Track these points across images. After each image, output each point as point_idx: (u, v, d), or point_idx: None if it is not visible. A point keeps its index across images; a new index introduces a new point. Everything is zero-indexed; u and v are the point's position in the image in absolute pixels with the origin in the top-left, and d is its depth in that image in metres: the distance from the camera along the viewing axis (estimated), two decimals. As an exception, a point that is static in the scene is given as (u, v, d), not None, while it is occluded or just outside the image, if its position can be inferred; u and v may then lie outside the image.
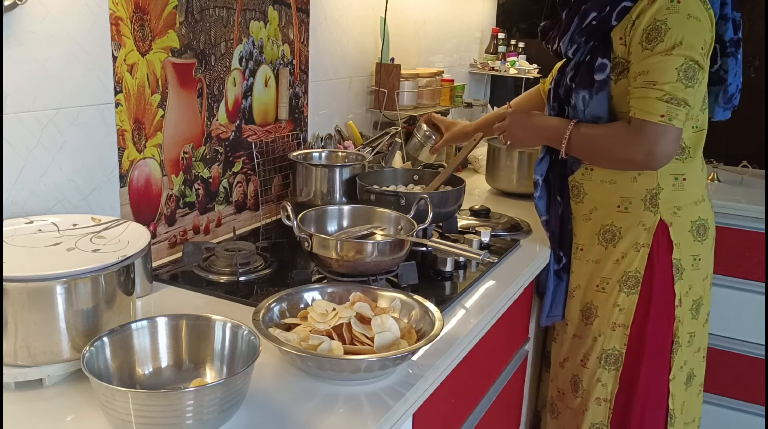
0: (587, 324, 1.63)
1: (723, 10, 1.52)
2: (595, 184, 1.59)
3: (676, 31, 1.37)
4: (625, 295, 1.57)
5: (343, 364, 0.99)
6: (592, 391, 1.63)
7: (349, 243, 1.31)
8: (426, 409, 1.11)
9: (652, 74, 1.39)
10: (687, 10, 1.38)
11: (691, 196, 1.56)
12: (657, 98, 1.38)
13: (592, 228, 1.62)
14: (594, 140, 1.50)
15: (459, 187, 1.69)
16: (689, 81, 1.38)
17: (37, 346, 0.94)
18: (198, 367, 1.00)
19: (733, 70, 1.57)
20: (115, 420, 0.85)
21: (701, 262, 1.60)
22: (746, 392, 2.41)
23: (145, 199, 1.43)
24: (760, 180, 2.58)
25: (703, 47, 1.40)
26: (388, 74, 2.17)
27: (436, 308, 1.13)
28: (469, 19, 2.96)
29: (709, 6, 1.43)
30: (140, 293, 1.26)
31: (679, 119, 1.38)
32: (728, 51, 1.55)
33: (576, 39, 1.53)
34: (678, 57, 1.37)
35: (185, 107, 1.49)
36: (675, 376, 1.60)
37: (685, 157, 1.53)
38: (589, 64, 1.50)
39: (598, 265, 1.61)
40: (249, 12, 1.63)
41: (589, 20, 1.49)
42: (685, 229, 1.56)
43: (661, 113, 1.38)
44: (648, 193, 1.54)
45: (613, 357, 1.59)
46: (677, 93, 1.37)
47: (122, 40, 1.31)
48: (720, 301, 2.39)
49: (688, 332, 1.60)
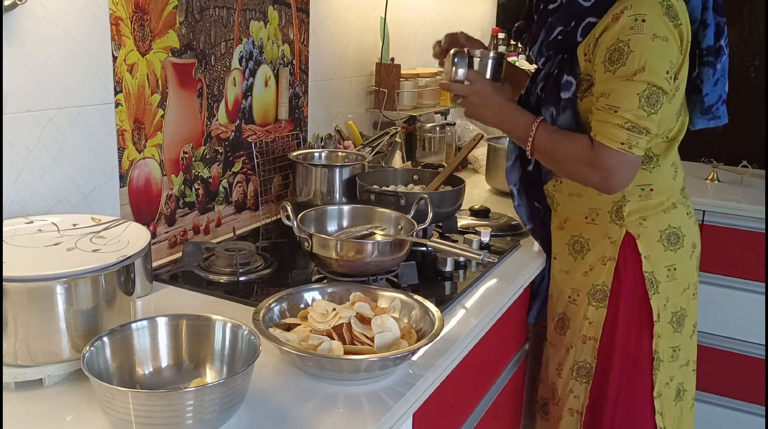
0: (560, 334, 1.61)
1: (704, 15, 1.44)
2: (564, 196, 1.57)
3: (638, 54, 1.30)
4: (594, 309, 1.53)
5: (343, 364, 0.99)
6: (566, 401, 1.60)
7: (349, 243, 1.31)
8: (426, 409, 1.11)
9: (614, 99, 1.33)
10: (652, 30, 1.30)
11: (659, 204, 1.50)
12: (618, 125, 1.32)
13: (563, 237, 1.59)
14: (554, 151, 1.44)
15: (459, 187, 1.69)
16: (651, 107, 1.32)
17: (37, 346, 0.94)
18: (198, 367, 1.00)
19: (710, 81, 1.47)
20: (115, 420, 0.85)
21: (678, 273, 1.53)
22: (746, 392, 2.41)
23: (145, 199, 1.43)
24: (760, 180, 2.58)
25: (669, 70, 1.33)
26: (388, 74, 2.17)
27: (436, 308, 1.13)
28: (469, 19, 2.96)
29: (679, 21, 1.33)
30: (140, 293, 1.26)
31: (639, 147, 1.33)
32: (705, 60, 1.46)
33: (544, 51, 1.49)
34: (640, 83, 1.30)
35: (185, 107, 1.49)
36: (661, 393, 1.55)
37: (652, 166, 1.48)
38: (556, 80, 1.46)
39: (569, 275, 1.58)
40: (249, 12, 1.63)
41: (555, 34, 1.45)
42: (653, 240, 1.50)
43: (621, 141, 1.32)
44: (614, 205, 1.50)
45: (584, 369, 1.57)
46: (639, 121, 1.32)
47: (122, 40, 1.31)
48: (720, 301, 2.40)
49: (671, 346, 1.55)
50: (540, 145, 1.44)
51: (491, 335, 1.37)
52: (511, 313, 1.50)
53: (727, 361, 2.42)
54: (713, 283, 2.38)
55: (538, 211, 1.64)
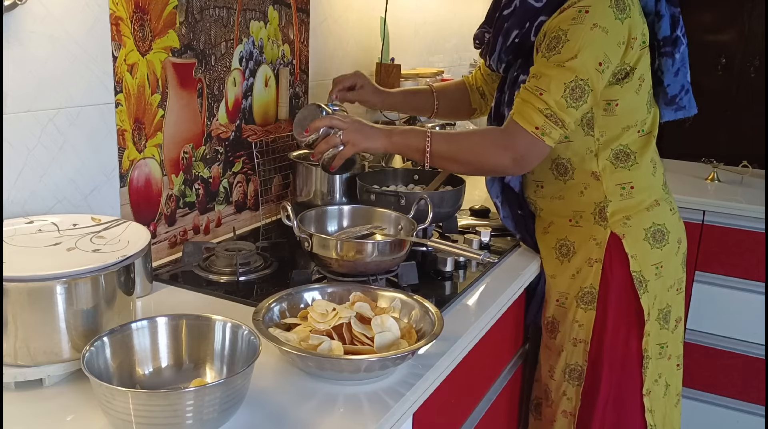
0: (551, 337, 1.61)
1: (657, 7, 1.44)
2: (547, 201, 1.57)
3: (573, 43, 1.31)
4: (583, 311, 1.53)
5: (343, 364, 0.99)
6: (559, 403, 1.61)
7: (349, 243, 1.31)
8: (426, 409, 1.11)
9: (541, 81, 1.33)
10: (593, 19, 1.31)
11: (641, 202, 1.51)
12: (538, 109, 1.33)
13: (549, 241, 1.59)
14: (461, 147, 1.41)
15: (459, 187, 1.69)
16: (574, 101, 1.32)
17: (37, 346, 0.94)
18: (198, 367, 1.00)
19: (670, 71, 1.48)
20: (115, 420, 0.85)
21: (664, 270, 1.53)
22: (746, 392, 2.41)
23: (145, 199, 1.43)
24: (760, 180, 2.58)
25: (602, 61, 1.33)
26: (388, 74, 2.17)
27: (436, 308, 1.13)
28: (469, 19, 2.95)
29: (626, 15, 1.33)
30: (140, 293, 1.26)
31: (551, 138, 1.34)
32: (663, 50, 1.46)
33: (503, 57, 1.51)
34: (569, 71, 1.31)
35: (185, 107, 1.49)
36: (650, 390, 1.56)
37: (630, 163, 1.48)
38: (516, 81, 1.47)
39: (555, 280, 1.58)
40: (249, 12, 1.63)
41: (512, 38, 1.46)
42: (638, 238, 1.50)
43: (537, 125, 1.33)
44: (596, 207, 1.50)
45: (576, 372, 1.57)
46: (558, 111, 1.32)
47: (122, 40, 1.31)
48: (720, 301, 2.40)
49: (658, 343, 1.56)
50: (441, 152, 1.39)
51: (491, 335, 1.37)
52: (510, 313, 1.50)
53: (727, 361, 2.42)
54: (713, 283, 2.38)
55: (522, 218, 1.64)
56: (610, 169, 1.48)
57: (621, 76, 1.41)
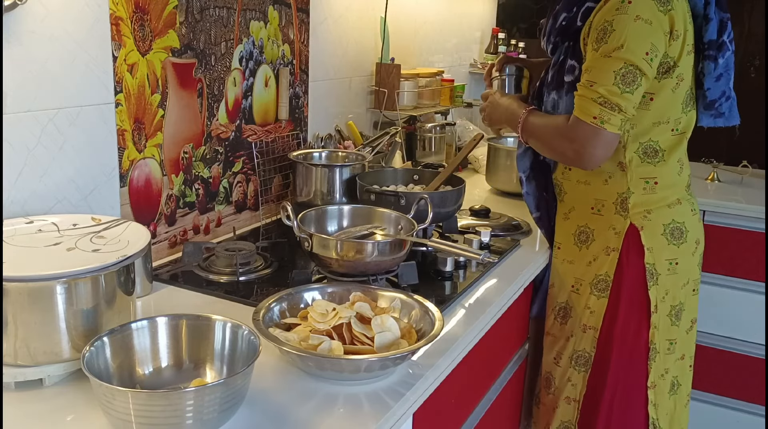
0: (561, 324, 1.63)
1: (706, 10, 1.47)
2: (572, 184, 1.60)
3: (619, 33, 1.35)
4: (596, 298, 1.56)
5: (343, 364, 0.99)
6: (563, 389, 1.63)
7: (349, 243, 1.31)
8: (426, 409, 1.11)
9: (592, 74, 1.39)
10: (636, 11, 1.35)
11: (663, 199, 1.53)
12: (592, 99, 1.37)
13: (569, 227, 1.62)
14: (539, 130, 1.52)
15: (459, 187, 1.69)
16: (627, 86, 1.36)
17: (37, 346, 0.94)
18: (198, 367, 1.00)
19: (712, 75, 1.49)
20: (115, 420, 0.85)
21: (679, 267, 1.55)
22: (746, 392, 2.41)
23: (145, 198, 1.43)
24: (760, 180, 2.58)
25: (649, 51, 1.36)
26: (388, 74, 2.17)
27: (436, 308, 1.13)
28: (469, 19, 2.96)
29: (670, 7, 1.37)
30: (140, 293, 1.26)
31: (612, 124, 1.37)
32: (707, 54, 1.48)
33: (551, 39, 1.56)
34: (617, 60, 1.35)
35: (185, 107, 1.49)
36: (655, 384, 1.57)
37: (657, 160, 1.50)
38: (561, 65, 1.52)
39: (572, 265, 1.61)
40: (249, 12, 1.63)
41: (560, 21, 1.51)
42: (657, 233, 1.52)
43: (594, 115, 1.37)
44: (619, 197, 1.52)
45: (583, 358, 1.59)
46: (611, 97, 1.36)
47: (122, 40, 1.31)
48: (720, 301, 2.39)
49: (667, 339, 1.57)
50: (528, 128, 1.54)
51: (491, 335, 1.37)
52: (511, 312, 1.50)
53: (727, 361, 2.42)
54: (713, 283, 2.38)
55: (545, 200, 1.66)
56: (636, 161, 1.50)
57: (663, 69, 1.43)
